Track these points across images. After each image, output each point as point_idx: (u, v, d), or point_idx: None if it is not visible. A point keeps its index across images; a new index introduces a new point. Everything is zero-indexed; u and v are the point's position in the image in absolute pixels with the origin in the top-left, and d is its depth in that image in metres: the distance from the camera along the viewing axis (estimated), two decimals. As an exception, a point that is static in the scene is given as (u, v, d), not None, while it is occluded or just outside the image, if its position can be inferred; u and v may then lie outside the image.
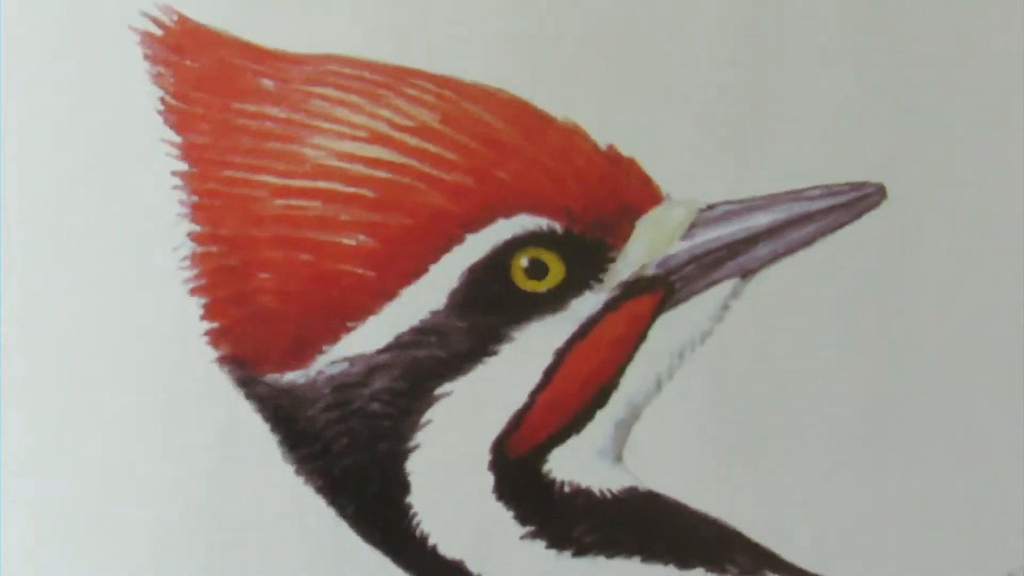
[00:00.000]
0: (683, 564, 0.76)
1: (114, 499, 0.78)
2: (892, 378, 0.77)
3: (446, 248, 0.75)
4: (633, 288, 0.76)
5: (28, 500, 0.78)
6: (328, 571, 0.77)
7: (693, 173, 0.77)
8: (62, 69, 0.80)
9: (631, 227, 0.76)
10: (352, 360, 0.75)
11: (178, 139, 0.77)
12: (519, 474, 0.76)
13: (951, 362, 0.77)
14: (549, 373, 0.75)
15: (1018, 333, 0.77)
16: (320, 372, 0.75)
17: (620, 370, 0.76)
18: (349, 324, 0.75)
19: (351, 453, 0.76)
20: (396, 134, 0.76)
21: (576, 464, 0.76)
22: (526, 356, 0.75)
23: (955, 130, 0.78)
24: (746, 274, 0.76)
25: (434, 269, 0.75)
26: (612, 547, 0.76)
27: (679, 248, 0.76)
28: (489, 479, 0.76)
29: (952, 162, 0.78)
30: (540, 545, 0.76)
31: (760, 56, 0.79)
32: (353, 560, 0.76)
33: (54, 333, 0.79)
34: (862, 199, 0.76)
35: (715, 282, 0.76)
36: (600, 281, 0.76)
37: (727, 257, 0.76)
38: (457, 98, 0.76)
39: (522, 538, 0.76)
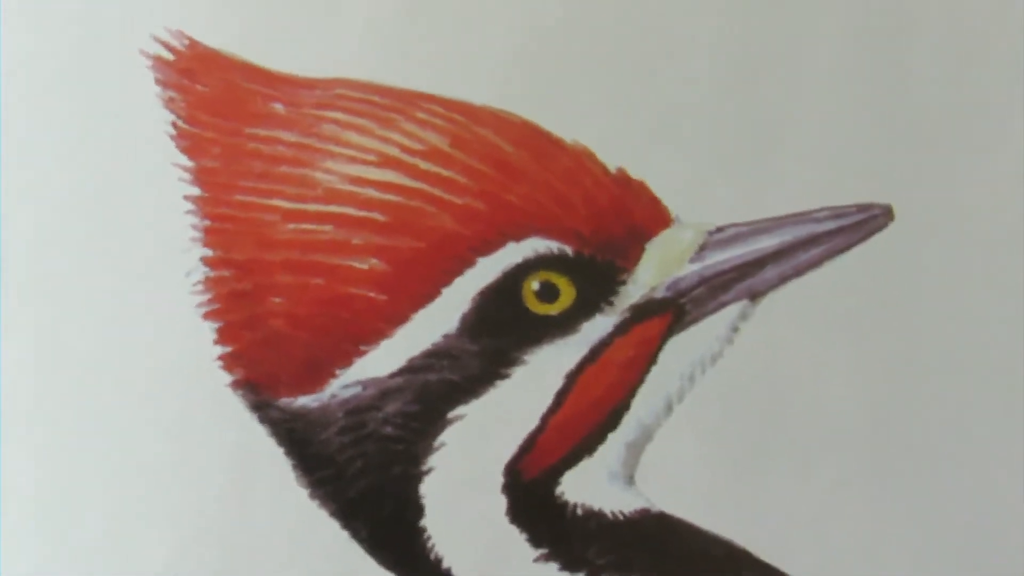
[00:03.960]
0: (694, 584, 0.76)
1: (128, 523, 0.78)
2: (899, 398, 0.78)
3: (458, 271, 0.75)
4: (643, 311, 0.76)
5: (40, 523, 0.78)
6: (343, 594, 0.77)
7: (702, 195, 0.78)
8: (73, 95, 0.79)
9: (641, 250, 0.76)
10: (365, 384, 0.75)
11: (190, 164, 0.77)
12: (532, 496, 0.76)
13: (956, 380, 0.78)
14: (561, 396, 0.75)
15: (1022, 351, 0.77)
16: (333, 396, 0.75)
17: (631, 392, 0.76)
18: (362, 348, 0.75)
19: (365, 476, 0.76)
20: (407, 158, 0.76)
21: (588, 486, 0.76)
22: (538, 379, 0.75)
23: (960, 150, 0.78)
24: (755, 296, 0.76)
25: (446, 292, 0.75)
26: (624, 568, 0.76)
27: (689, 270, 0.76)
28: (502, 502, 0.76)
29: (958, 182, 0.78)
30: (553, 567, 0.76)
31: (766, 78, 0.79)
32: (367, 583, 0.77)
33: (68, 358, 0.78)
34: (869, 220, 0.76)
35: (724, 304, 0.76)
36: (611, 304, 0.76)
37: (736, 279, 0.76)
38: (467, 122, 0.76)
39: (535, 560, 0.76)
